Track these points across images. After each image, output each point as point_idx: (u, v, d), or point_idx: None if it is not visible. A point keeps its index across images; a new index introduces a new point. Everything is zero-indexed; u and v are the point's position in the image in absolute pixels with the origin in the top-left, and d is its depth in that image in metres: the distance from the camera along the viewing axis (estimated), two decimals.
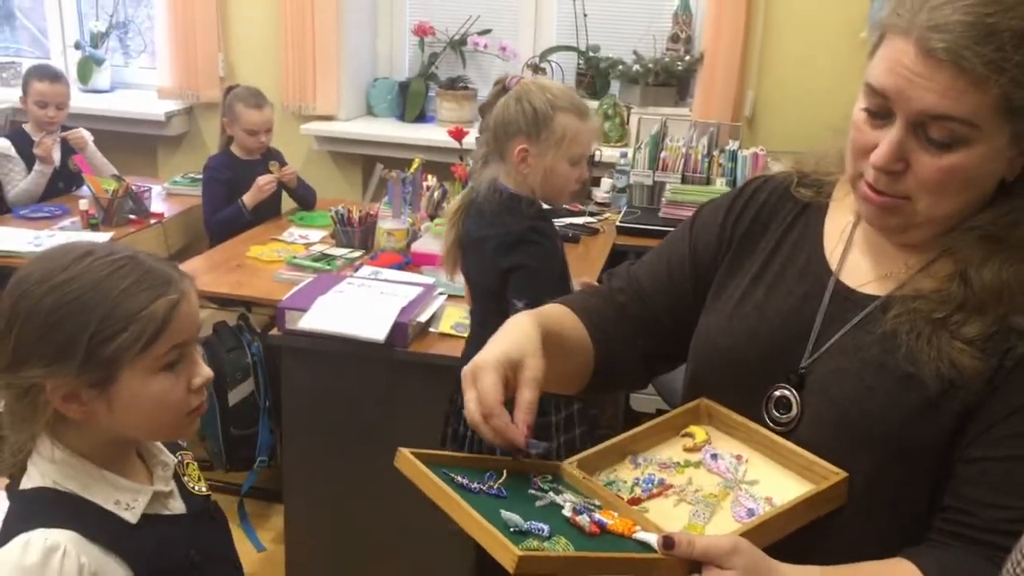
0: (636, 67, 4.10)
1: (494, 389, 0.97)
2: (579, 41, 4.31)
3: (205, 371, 1.17)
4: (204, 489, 1.30)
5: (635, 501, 1.04)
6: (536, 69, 4.28)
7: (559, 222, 3.44)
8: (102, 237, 3.33)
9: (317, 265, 3.05)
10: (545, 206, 2.28)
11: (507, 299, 2.04)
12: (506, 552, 0.82)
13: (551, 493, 0.99)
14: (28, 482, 1.14)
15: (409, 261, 3.03)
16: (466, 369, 1.01)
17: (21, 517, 1.11)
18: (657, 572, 0.89)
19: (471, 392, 0.99)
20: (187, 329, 1.14)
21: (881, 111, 0.98)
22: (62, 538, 1.07)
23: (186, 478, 1.27)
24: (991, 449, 0.98)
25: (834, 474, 1.02)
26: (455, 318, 2.60)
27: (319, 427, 2.59)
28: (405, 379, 2.48)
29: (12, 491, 1.15)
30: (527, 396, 0.99)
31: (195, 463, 1.32)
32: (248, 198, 3.55)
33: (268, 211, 3.68)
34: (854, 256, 1.13)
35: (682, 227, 1.27)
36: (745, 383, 1.13)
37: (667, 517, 1.02)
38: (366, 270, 2.87)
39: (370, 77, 4.63)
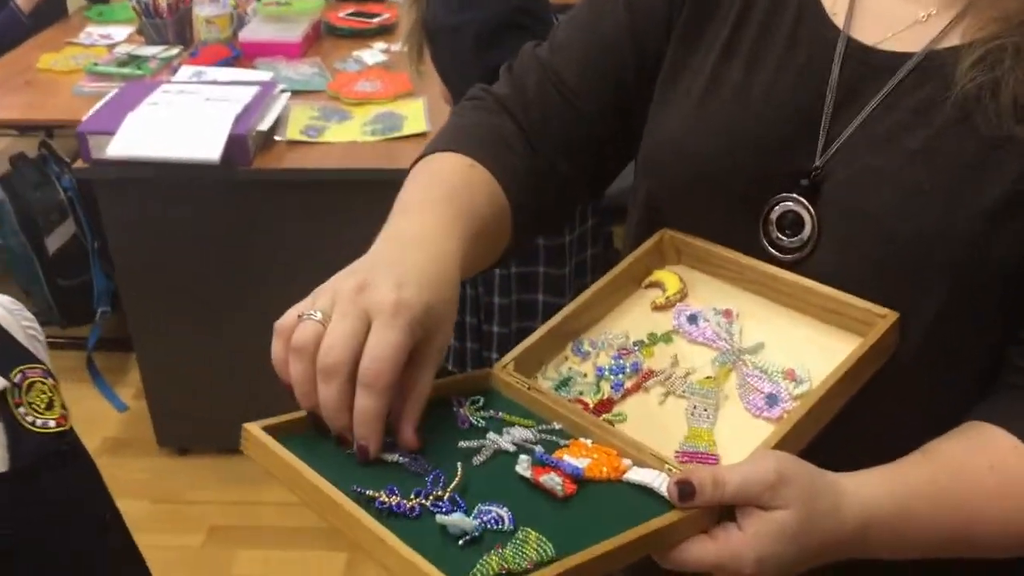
0: None
1: (398, 350, 0.60)
2: None
3: None
4: (54, 424, 0.89)
5: (605, 406, 0.71)
6: None
7: None
8: None
9: (125, 71, 2.52)
10: None
11: None
12: None
13: (491, 433, 0.64)
14: None
15: (239, 54, 2.53)
16: (360, 286, 0.63)
17: None
18: (679, 535, 0.58)
19: (347, 324, 0.61)
20: None
21: None
22: None
23: (23, 409, 0.86)
24: None
25: (878, 316, 0.71)
26: (304, 120, 2.16)
27: (158, 267, 2.21)
28: (254, 201, 2.07)
29: None
30: (424, 385, 0.64)
31: (49, 382, 0.91)
32: (23, 0, 2.90)
33: (52, 10, 3.03)
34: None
35: None
36: (730, 201, 0.79)
37: (656, 426, 0.69)
38: (186, 71, 2.38)
39: None
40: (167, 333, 2.31)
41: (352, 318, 0.60)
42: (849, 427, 0.70)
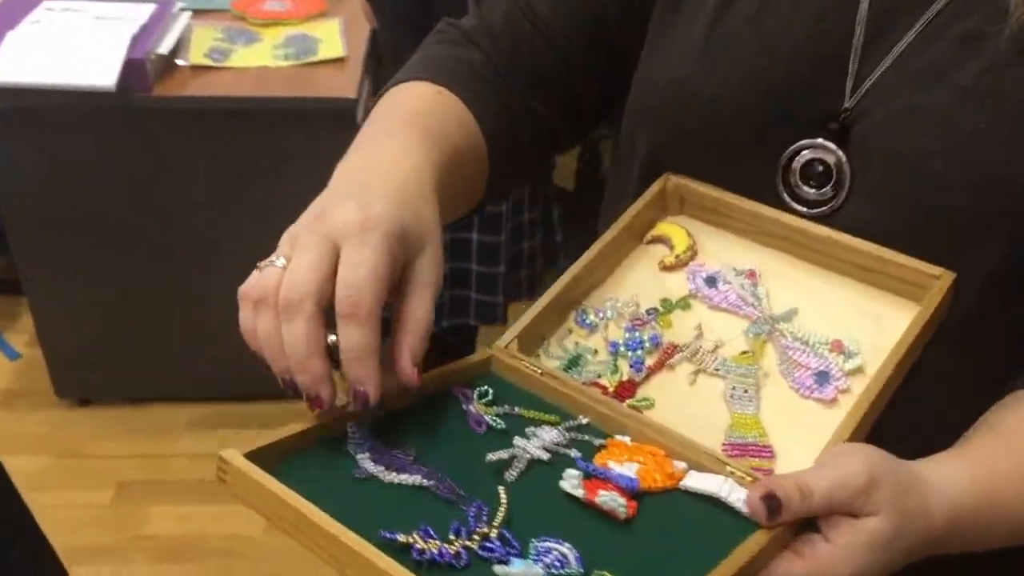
0: None
1: (375, 269, 0.51)
2: None
3: None
4: None
5: (627, 389, 0.61)
6: None
7: None
8: None
9: None
10: None
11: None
12: None
13: (517, 438, 0.53)
14: None
15: None
16: (318, 214, 0.54)
17: None
18: (766, 558, 0.49)
19: (309, 255, 0.51)
20: None
21: None
22: None
23: None
24: None
25: (931, 276, 0.62)
26: (208, 42, 1.97)
27: (50, 203, 2.02)
28: (154, 131, 1.89)
29: None
30: (422, 311, 0.55)
31: None
32: None
33: None
34: None
35: None
36: (741, 150, 0.70)
37: (691, 412, 0.59)
38: None
39: None
40: (61, 275, 2.12)
41: (314, 248, 0.51)
42: (895, 402, 0.62)
